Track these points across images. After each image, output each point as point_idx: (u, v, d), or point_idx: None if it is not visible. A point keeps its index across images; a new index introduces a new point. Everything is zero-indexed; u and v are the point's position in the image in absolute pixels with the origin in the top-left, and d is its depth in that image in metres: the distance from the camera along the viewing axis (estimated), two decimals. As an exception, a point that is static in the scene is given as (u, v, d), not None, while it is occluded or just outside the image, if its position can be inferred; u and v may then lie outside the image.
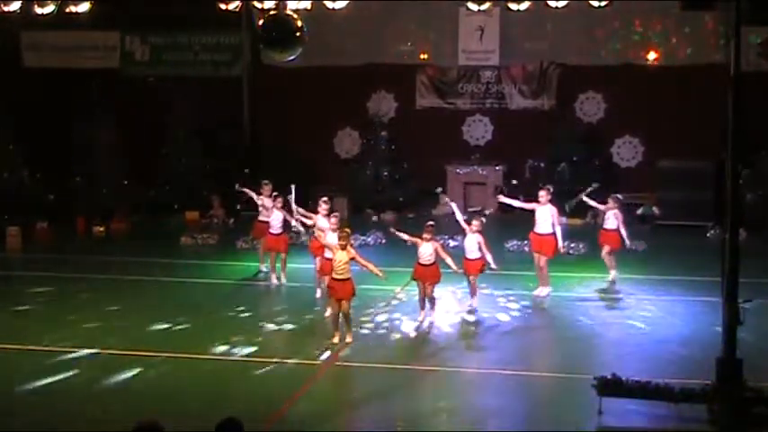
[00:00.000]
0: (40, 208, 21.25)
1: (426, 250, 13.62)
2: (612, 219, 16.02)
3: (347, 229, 13.13)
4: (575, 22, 23.47)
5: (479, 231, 14.30)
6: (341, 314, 12.56)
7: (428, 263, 13.63)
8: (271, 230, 16.24)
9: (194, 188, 23.37)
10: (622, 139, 24.11)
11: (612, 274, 16.09)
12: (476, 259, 14.23)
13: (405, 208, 23.68)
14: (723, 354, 9.63)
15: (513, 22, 23.71)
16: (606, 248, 16.12)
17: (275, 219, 16.20)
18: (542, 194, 15.60)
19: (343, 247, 12.59)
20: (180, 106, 23.49)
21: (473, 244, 14.26)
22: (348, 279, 12.55)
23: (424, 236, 13.71)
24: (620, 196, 16.60)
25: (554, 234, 15.34)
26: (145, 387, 11.24)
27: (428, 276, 13.66)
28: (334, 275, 12.59)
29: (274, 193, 16.55)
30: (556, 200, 15.97)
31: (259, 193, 17.03)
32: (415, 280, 13.89)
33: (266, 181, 17.30)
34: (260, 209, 16.96)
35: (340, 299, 12.48)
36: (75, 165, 22.56)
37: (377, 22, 24.57)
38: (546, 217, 15.43)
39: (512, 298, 15.15)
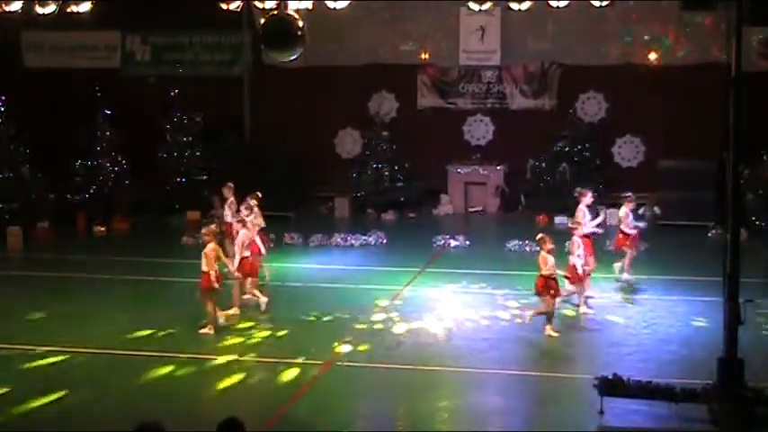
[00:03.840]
0: (40, 208, 21.25)
1: (551, 261, 13.07)
2: (630, 219, 15.89)
3: (212, 226, 13.56)
4: (576, 21, 23.47)
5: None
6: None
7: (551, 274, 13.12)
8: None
9: (195, 188, 23.37)
10: (623, 139, 24.09)
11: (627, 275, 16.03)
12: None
13: (406, 208, 23.68)
14: (724, 354, 9.62)
15: (515, 22, 23.71)
16: (632, 252, 15.98)
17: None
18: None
19: (209, 242, 13.08)
20: (180, 106, 23.46)
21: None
22: (206, 273, 12.99)
23: (548, 246, 13.05)
24: (630, 194, 16.46)
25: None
26: (145, 387, 11.24)
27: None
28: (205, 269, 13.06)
29: (252, 202, 15.89)
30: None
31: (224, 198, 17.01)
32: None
33: (230, 183, 17.24)
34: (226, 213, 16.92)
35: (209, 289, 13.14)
36: (75, 165, 22.54)
37: (378, 22, 24.58)
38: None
39: (512, 298, 15.13)
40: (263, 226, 15.80)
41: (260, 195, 16.13)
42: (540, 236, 13.26)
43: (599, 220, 15.60)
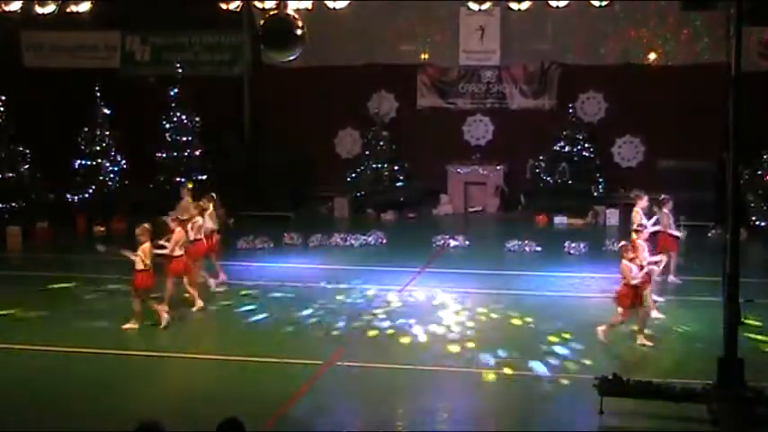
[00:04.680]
0: (40, 208, 21.25)
1: (635, 270, 12.48)
2: (671, 220, 15.38)
3: (145, 225, 13.67)
4: (575, 21, 23.47)
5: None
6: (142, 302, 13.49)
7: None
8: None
9: (195, 188, 23.33)
10: (623, 139, 24.08)
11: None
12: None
13: (406, 208, 23.69)
14: (724, 354, 9.62)
15: (514, 22, 23.70)
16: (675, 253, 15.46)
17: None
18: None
19: (144, 242, 13.33)
20: (180, 106, 23.46)
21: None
22: (147, 270, 13.33)
23: (630, 255, 12.56)
24: (665, 196, 15.73)
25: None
26: (145, 387, 11.25)
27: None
28: (140, 267, 13.33)
29: (207, 203, 15.99)
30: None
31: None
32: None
33: (189, 185, 17.19)
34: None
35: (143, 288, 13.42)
36: (75, 165, 22.54)
37: (377, 22, 24.56)
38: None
39: (512, 298, 15.12)
40: (215, 228, 15.95)
41: (215, 197, 16.22)
42: (622, 243, 12.85)
43: (653, 221, 15.27)
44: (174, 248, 14.18)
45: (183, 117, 23.52)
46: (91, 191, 22.39)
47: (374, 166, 23.86)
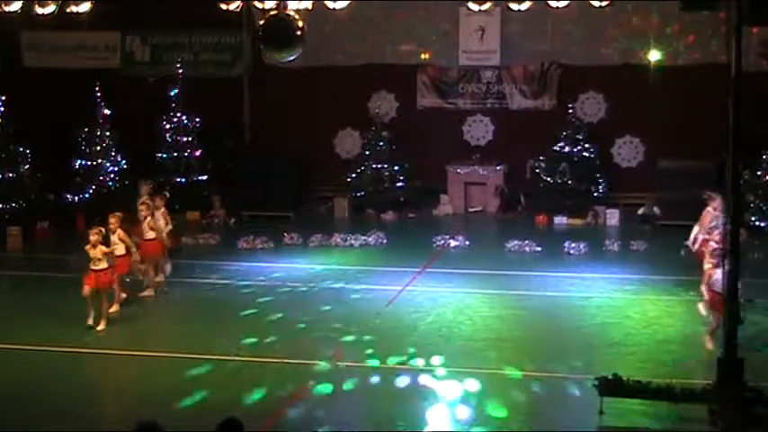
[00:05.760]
0: (40, 208, 21.25)
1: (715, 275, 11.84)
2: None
3: (100, 228, 13.78)
4: (575, 21, 23.45)
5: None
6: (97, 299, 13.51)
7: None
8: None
9: (195, 188, 23.37)
10: (623, 139, 24.07)
11: None
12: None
13: (406, 208, 23.68)
14: (723, 354, 9.62)
15: (514, 22, 23.69)
16: None
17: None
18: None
19: (96, 245, 13.43)
20: (180, 106, 23.45)
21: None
22: (104, 270, 13.45)
23: (713, 261, 12.10)
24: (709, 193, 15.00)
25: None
26: (145, 387, 11.25)
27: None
28: (92, 267, 13.39)
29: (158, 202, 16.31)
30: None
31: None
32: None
33: (149, 182, 17.19)
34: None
35: (96, 287, 13.41)
36: (75, 165, 22.54)
37: (377, 22, 24.55)
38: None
39: (512, 298, 15.13)
40: (170, 227, 16.30)
41: (168, 196, 16.27)
42: (713, 248, 12.34)
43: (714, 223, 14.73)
44: (120, 247, 14.34)
45: (183, 117, 23.55)
46: (91, 191, 22.39)
47: (374, 166, 23.84)
